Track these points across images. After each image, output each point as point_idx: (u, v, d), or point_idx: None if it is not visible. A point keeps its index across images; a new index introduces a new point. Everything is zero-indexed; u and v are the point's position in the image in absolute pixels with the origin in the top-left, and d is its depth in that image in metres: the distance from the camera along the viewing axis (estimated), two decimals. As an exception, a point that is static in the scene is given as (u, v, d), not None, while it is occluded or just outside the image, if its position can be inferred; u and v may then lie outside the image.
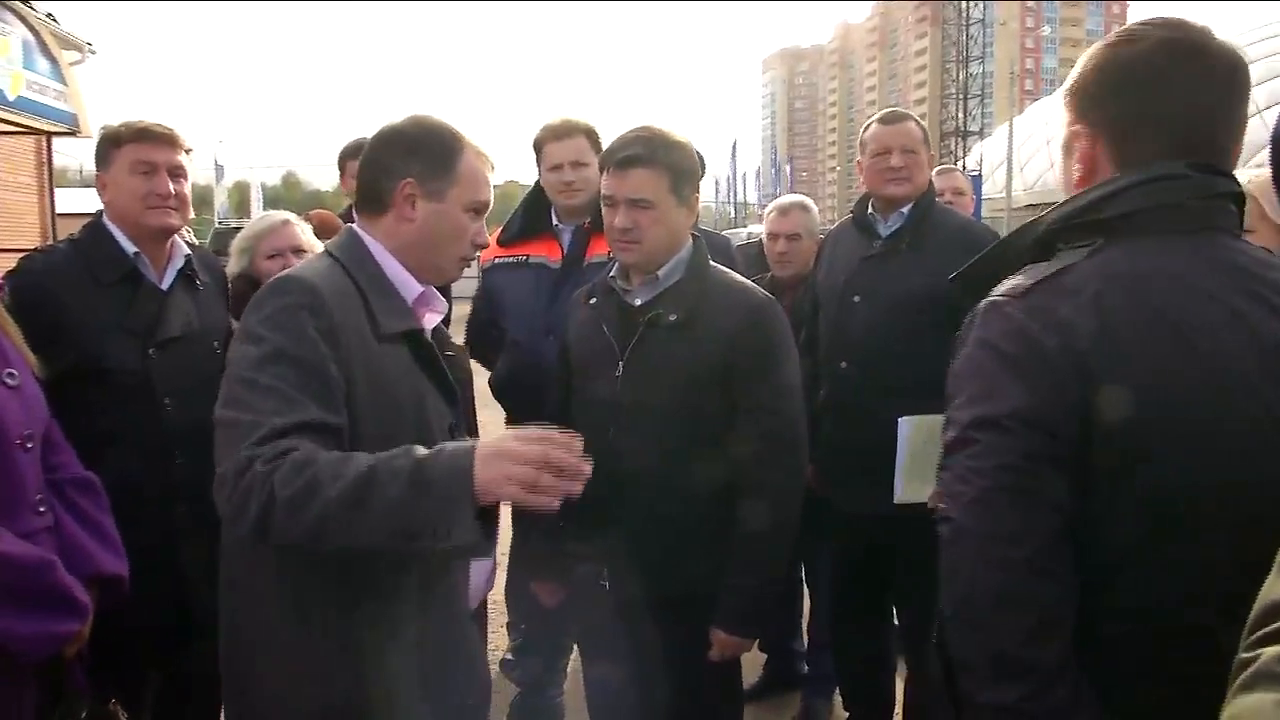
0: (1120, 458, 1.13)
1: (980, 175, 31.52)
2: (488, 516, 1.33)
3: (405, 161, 1.61)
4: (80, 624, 1.77)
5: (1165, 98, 1.23)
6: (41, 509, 1.81)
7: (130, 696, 2.11)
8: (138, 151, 2.25)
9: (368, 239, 1.64)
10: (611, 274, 2.24)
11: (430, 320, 1.70)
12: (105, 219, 2.30)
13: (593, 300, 2.27)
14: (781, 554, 2.17)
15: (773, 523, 2.09)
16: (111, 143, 2.28)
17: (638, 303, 2.17)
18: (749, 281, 2.26)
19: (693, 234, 2.21)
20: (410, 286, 1.64)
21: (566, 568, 2.32)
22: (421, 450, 1.34)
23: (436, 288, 1.71)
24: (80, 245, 2.27)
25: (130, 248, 2.26)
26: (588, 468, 1.32)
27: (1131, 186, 1.22)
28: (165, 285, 2.31)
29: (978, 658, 1.14)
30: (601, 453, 2.09)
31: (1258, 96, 21.08)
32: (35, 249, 2.38)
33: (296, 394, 1.39)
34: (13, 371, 1.80)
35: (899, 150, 2.78)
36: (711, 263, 2.23)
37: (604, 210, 2.14)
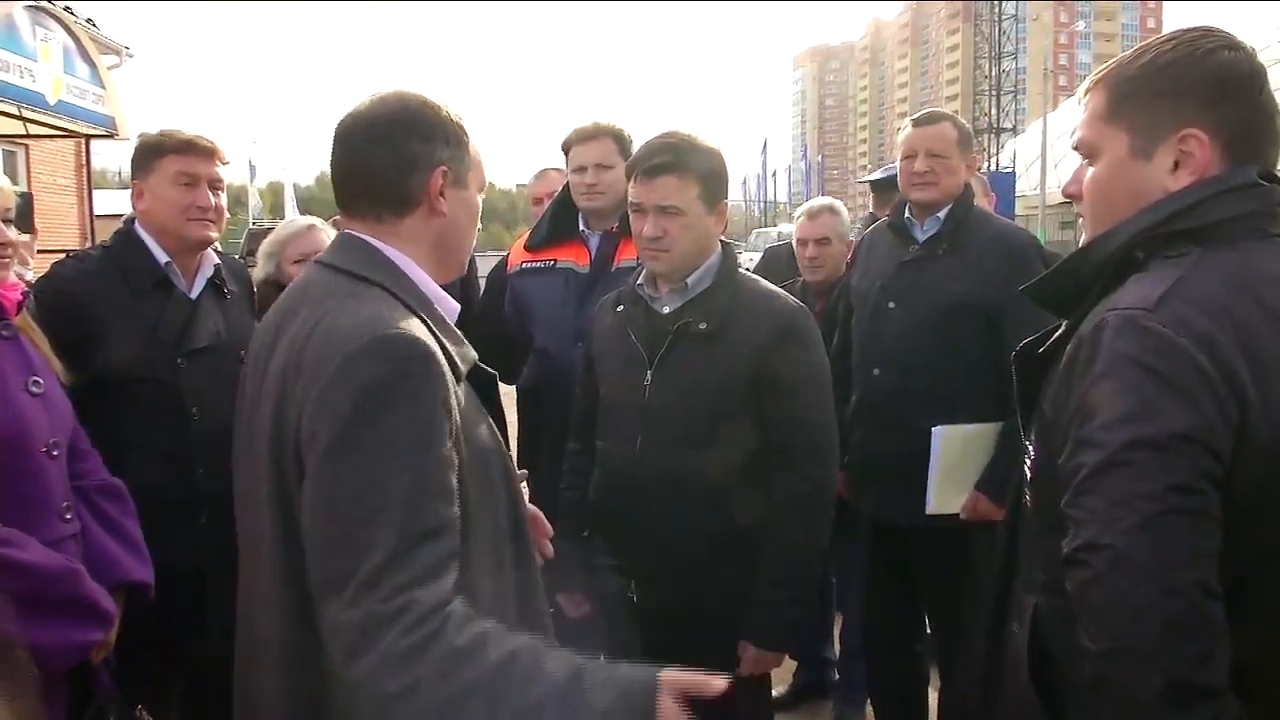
0: (1267, 468, 1.12)
1: (1014, 172, 31.17)
2: None
3: (434, 146, 1.37)
4: (105, 632, 1.78)
5: (1264, 106, 1.26)
6: (68, 516, 1.82)
7: (156, 701, 2.12)
8: (181, 163, 2.25)
9: (390, 251, 1.36)
10: (639, 281, 2.21)
11: None
12: (137, 227, 2.30)
13: (620, 308, 2.24)
14: (812, 568, 2.14)
15: (803, 536, 2.06)
16: (153, 151, 2.27)
17: (666, 310, 2.14)
18: (780, 289, 2.22)
19: (722, 241, 2.18)
20: (449, 305, 1.41)
21: (593, 579, 2.29)
22: (591, 680, 1.15)
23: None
24: (112, 253, 2.27)
25: (162, 257, 2.27)
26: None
27: (1219, 194, 1.22)
28: (194, 294, 2.31)
29: (1151, 692, 1.06)
30: (629, 462, 2.12)
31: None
32: (66, 255, 2.40)
33: (430, 497, 1.17)
34: (38, 379, 1.82)
35: (924, 154, 2.73)
36: (741, 270, 2.20)
37: (632, 218, 2.11)
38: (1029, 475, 1.36)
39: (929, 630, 2.97)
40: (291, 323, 1.32)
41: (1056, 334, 1.35)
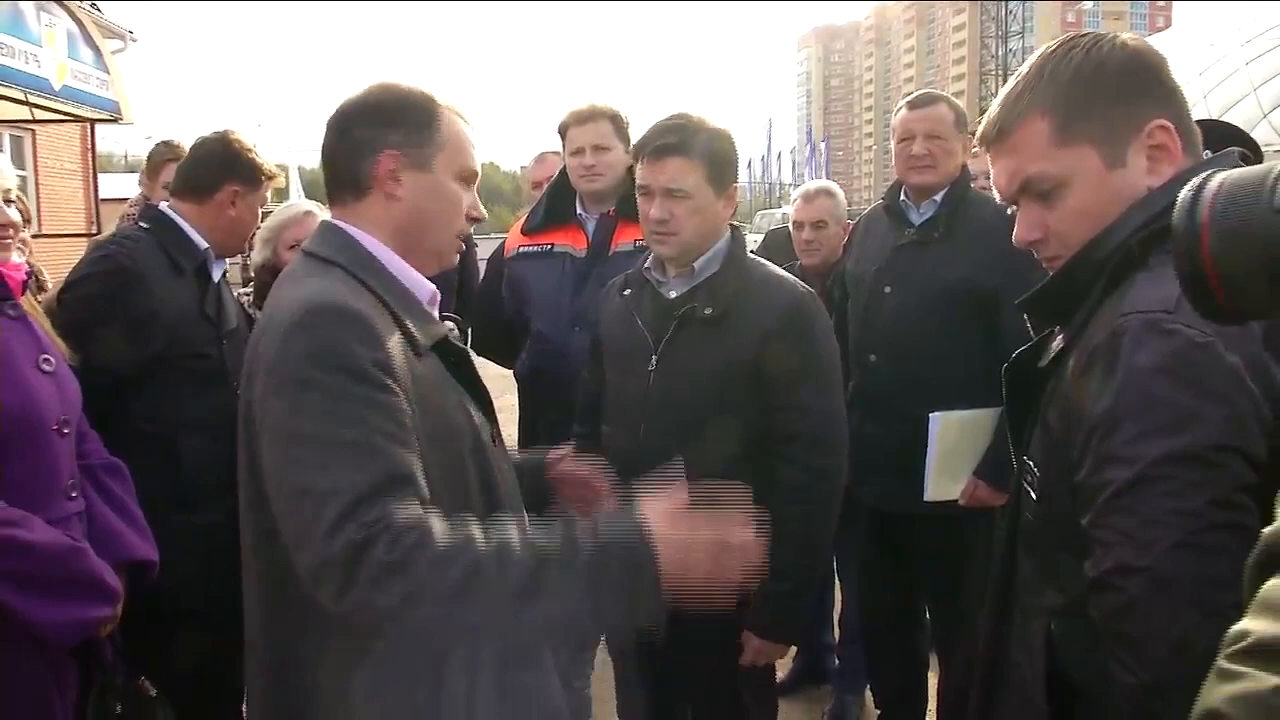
0: None
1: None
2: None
3: (381, 131, 1.38)
4: (111, 609, 1.81)
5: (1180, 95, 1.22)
6: (74, 494, 1.85)
7: (173, 672, 2.16)
8: (263, 195, 2.45)
9: (357, 233, 1.39)
10: (646, 265, 2.19)
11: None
12: (170, 211, 2.39)
13: (626, 291, 2.21)
14: (817, 559, 2.09)
15: (808, 527, 2.02)
16: (261, 175, 2.43)
17: (673, 295, 2.11)
18: (789, 274, 2.18)
19: (731, 225, 2.15)
20: (422, 286, 1.44)
21: None
22: (581, 529, 1.21)
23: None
24: (156, 235, 2.36)
25: (201, 242, 2.38)
26: (761, 553, 1.28)
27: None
28: (216, 279, 2.44)
29: None
30: (632, 449, 2.08)
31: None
32: (113, 237, 2.48)
33: (383, 442, 1.19)
34: (49, 358, 1.85)
35: (922, 136, 2.70)
36: (750, 254, 2.17)
37: (639, 200, 2.08)
38: (1033, 494, 1.25)
39: (928, 616, 2.98)
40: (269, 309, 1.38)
41: (1054, 344, 1.26)
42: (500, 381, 2.70)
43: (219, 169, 2.38)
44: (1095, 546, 1.06)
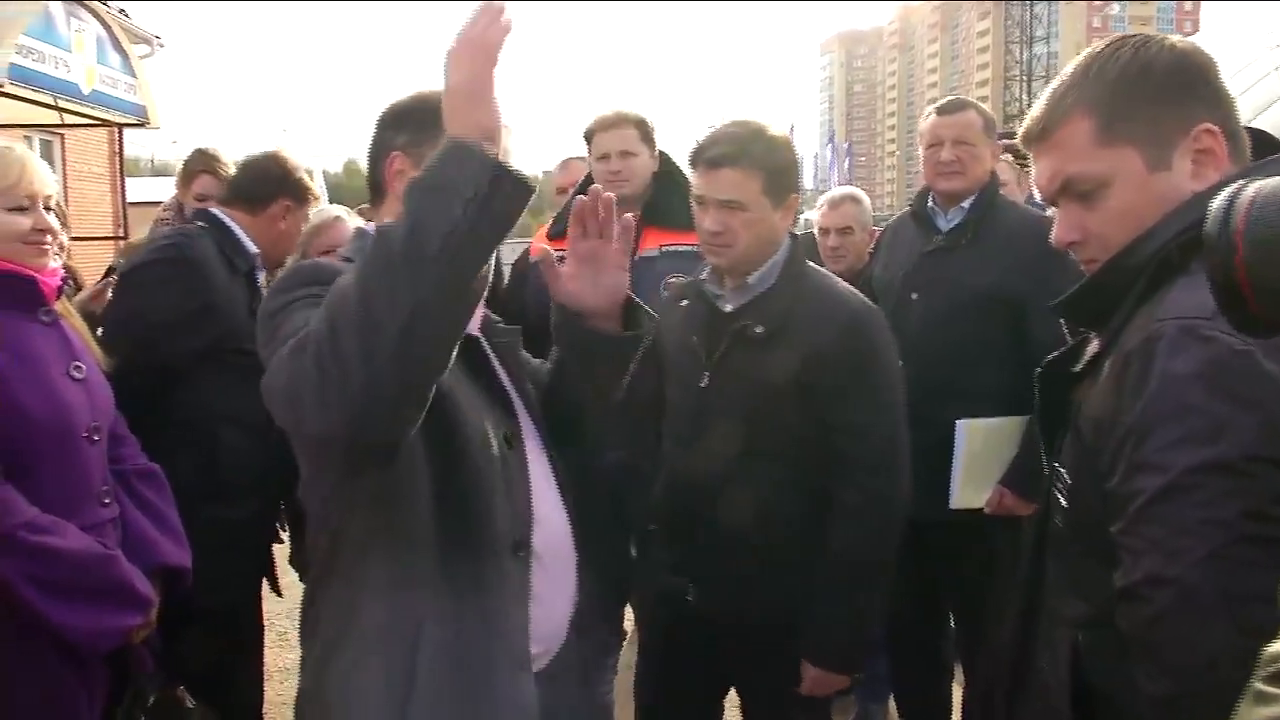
0: None
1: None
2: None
3: (391, 134, 1.42)
4: (142, 616, 1.82)
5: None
6: (107, 500, 1.87)
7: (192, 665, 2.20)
8: (301, 210, 2.53)
9: None
10: (703, 275, 2.14)
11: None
12: (223, 215, 2.47)
13: (684, 302, 2.17)
14: (876, 583, 2.00)
15: (863, 552, 1.95)
16: (310, 194, 2.53)
17: (728, 309, 2.05)
18: (850, 287, 2.12)
19: (791, 234, 2.09)
20: None
21: (653, 574, 2.22)
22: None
23: None
24: (213, 235, 2.43)
25: (252, 247, 2.47)
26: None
27: None
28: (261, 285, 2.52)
29: None
30: (686, 465, 2.04)
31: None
32: (176, 231, 2.58)
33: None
34: (79, 364, 1.86)
35: (950, 142, 2.68)
36: (810, 265, 2.11)
37: (695, 210, 2.04)
38: (1063, 501, 1.23)
39: (952, 624, 2.95)
40: None
41: (1088, 349, 1.24)
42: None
43: (274, 184, 2.48)
44: (1124, 555, 1.04)
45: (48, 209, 1.85)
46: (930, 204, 2.80)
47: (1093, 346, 1.24)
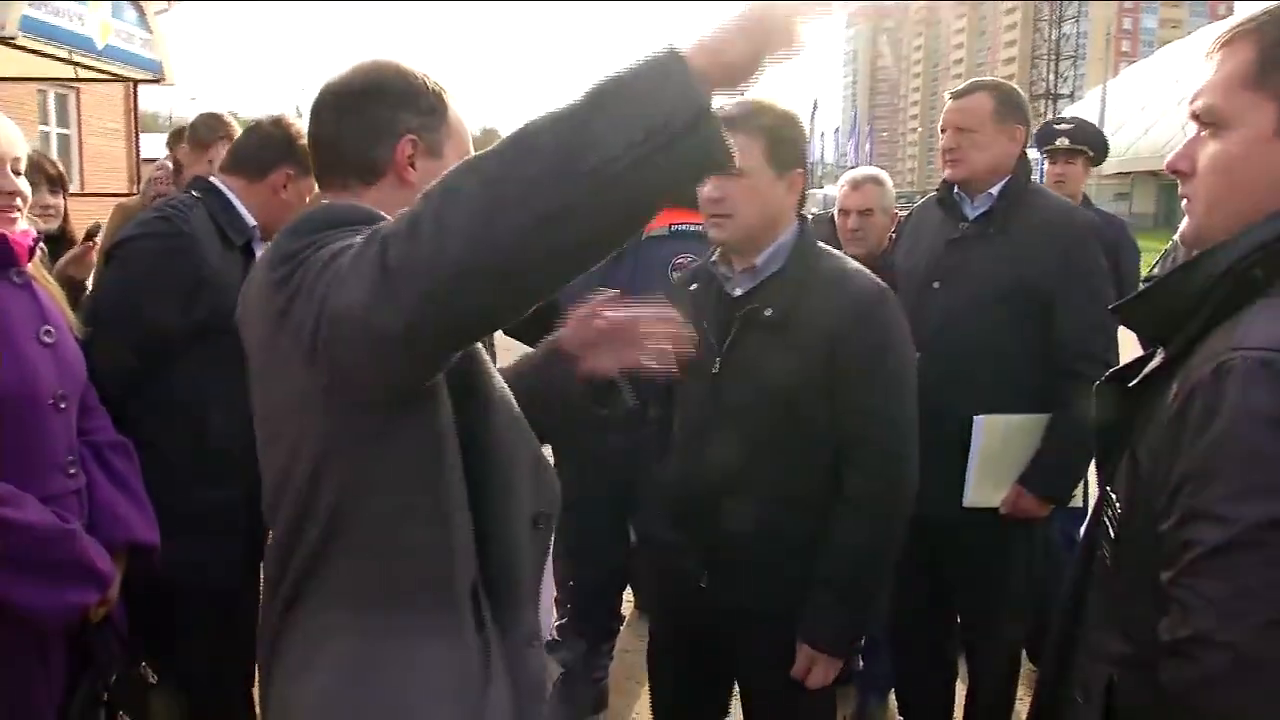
0: None
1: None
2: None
3: (401, 115, 1.34)
4: (100, 593, 1.77)
5: None
6: (72, 470, 1.80)
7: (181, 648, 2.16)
8: (304, 179, 2.34)
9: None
10: (713, 259, 2.10)
11: None
12: (222, 186, 2.36)
13: (693, 286, 2.13)
14: (876, 572, 1.98)
15: (868, 537, 1.92)
16: (279, 150, 2.34)
17: (737, 293, 2.02)
18: (863, 268, 2.06)
19: (800, 216, 2.04)
20: None
21: (662, 559, 2.21)
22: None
23: None
24: (208, 206, 2.32)
25: (250, 219, 2.35)
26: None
27: None
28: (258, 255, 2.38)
29: None
30: (697, 452, 2.01)
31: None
32: (167, 202, 2.44)
33: None
34: (49, 329, 1.79)
35: (952, 129, 2.59)
36: (822, 247, 2.06)
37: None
38: (1112, 532, 1.15)
39: (958, 622, 2.89)
40: None
41: (1151, 364, 1.13)
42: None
43: (275, 151, 2.35)
44: (1174, 607, 0.96)
45: (16, 172, 1.78)
46: (956, 190, 2.69)
47: (1156, 361, 1.13)
